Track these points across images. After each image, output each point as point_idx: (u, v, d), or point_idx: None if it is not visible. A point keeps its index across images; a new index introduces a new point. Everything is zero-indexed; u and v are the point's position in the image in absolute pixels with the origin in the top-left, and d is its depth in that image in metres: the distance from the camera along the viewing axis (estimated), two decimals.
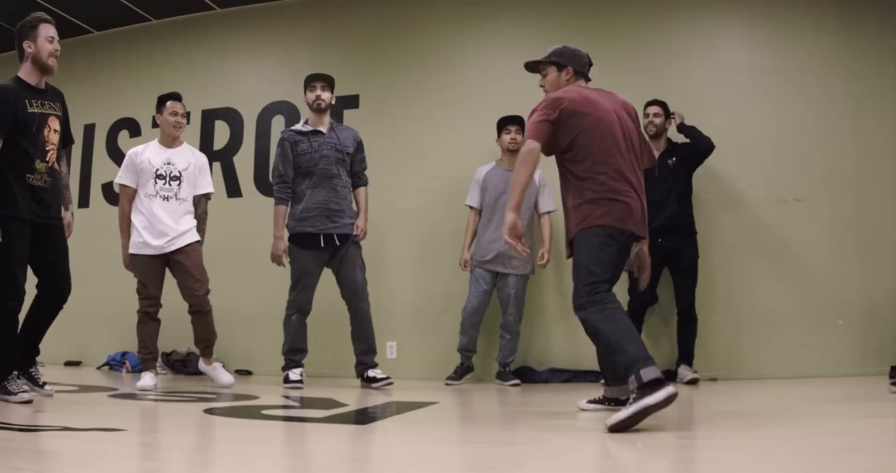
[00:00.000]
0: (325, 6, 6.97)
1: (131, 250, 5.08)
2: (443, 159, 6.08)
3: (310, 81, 5.42)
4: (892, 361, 4.90)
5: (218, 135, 7.03)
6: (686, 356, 5.44)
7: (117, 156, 7.24)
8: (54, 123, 4.17)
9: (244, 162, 6.92)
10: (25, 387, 3.90)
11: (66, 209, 4.37)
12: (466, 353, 5.70)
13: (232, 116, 7.04)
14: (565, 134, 3.47)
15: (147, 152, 5.16)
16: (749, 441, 2.87)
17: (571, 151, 3.49)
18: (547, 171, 6.06)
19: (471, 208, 5.80)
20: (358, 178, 5.52)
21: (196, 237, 5.15)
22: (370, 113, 6.52)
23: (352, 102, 6.50)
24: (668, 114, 5.68)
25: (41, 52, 4.09)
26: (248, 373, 6.48)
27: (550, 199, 5.73)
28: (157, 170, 5.09)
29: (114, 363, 6.73)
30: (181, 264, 5.04)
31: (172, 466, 2.47)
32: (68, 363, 6.96)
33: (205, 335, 5.17)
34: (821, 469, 2.30)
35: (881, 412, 3.73)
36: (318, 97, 5.36)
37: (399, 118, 5.83)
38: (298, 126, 5.44)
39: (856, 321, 5.50)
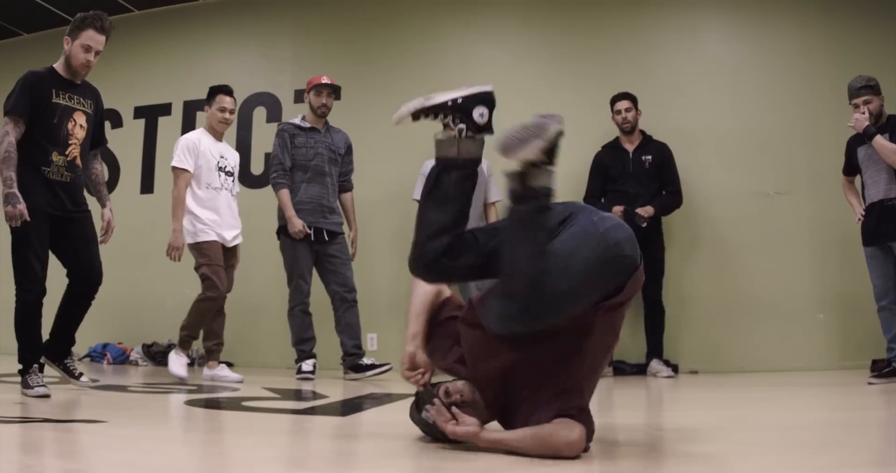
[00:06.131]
0: None
1: (206, 238, 4.98)
2: (423, 152, 6.05)
3: (320, 88, 5.45)
4: (872, 355, 4.94)
5: (199, 126, 6.96)
6: (656, 349, 5.43)
7: None
8: (80, 118, 4.05)
9: None
10: (43, 382, 3.82)
11: (105, 206, 4.27)
12: None
13: None
14: None
15: (205, 141, 5.14)
16: (727, 433, 2.88)
17: None
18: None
19: (418, 201, 5.80)
20: (344, 180, 5.58)
21: (241, 240, 5.24)
22: (351, 104, 6.45)
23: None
24: (636, 105, 5.55)
25: (73, 57, 3.99)
26: (230, 365, 6.44)
27: (497, 188, 5.76)
28: (218, 162, 5.09)
29: (95, 355, 6.69)
30: (230, 262, 5.13)
31: (151, 457, 2.46)
32: None
33: (217, 331, 5.21)
34: (799, 462, 2.31)
35: (860, 405, 3.77)
36: (324, 105, 5.46)
37: (380, 110, 5.78)
38: (296, 121, 5.51)
39: (836, 315, 5.53)
